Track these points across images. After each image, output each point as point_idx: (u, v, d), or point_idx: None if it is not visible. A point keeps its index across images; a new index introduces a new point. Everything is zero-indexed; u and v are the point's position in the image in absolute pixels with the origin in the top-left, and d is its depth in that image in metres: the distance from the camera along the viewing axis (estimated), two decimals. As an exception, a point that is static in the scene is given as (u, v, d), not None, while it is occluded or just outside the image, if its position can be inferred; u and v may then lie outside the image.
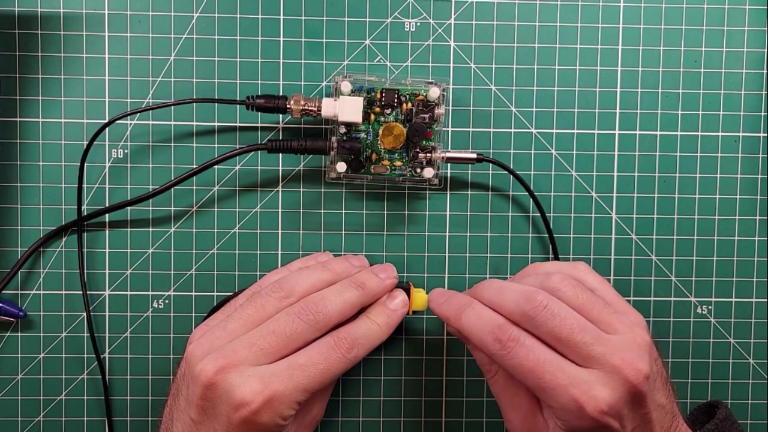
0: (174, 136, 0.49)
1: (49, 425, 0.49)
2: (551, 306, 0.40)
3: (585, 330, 0.39)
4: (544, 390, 0.39)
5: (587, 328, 0.40)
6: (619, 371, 0.39)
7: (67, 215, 0.49)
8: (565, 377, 0.39)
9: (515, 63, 0.49)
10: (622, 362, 0.39)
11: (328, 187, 0.49)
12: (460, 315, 0.42)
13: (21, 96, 0.48)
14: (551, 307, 0.40)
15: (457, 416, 0.50)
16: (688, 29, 0.49)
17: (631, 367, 0.39)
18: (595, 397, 0.38)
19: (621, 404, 0.39)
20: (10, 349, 0.49)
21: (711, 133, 0.50)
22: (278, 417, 0.40)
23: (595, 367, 0.39)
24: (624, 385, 0.39)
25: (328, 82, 0.49)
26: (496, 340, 0.40)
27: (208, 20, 0.48)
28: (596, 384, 0.39)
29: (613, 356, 0.39)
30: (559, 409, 0.39)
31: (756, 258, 0.50)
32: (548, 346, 0.40)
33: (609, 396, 0.38)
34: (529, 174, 0.49)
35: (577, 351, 0.39)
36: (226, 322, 0.42)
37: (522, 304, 0.40)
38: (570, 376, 0.39)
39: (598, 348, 0.39)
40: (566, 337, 0.39)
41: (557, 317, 0.39)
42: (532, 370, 0.39)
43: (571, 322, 0.40)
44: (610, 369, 0.39)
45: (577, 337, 0.39)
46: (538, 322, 0.40)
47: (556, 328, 0.39)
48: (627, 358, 0.39)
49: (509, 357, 0.40)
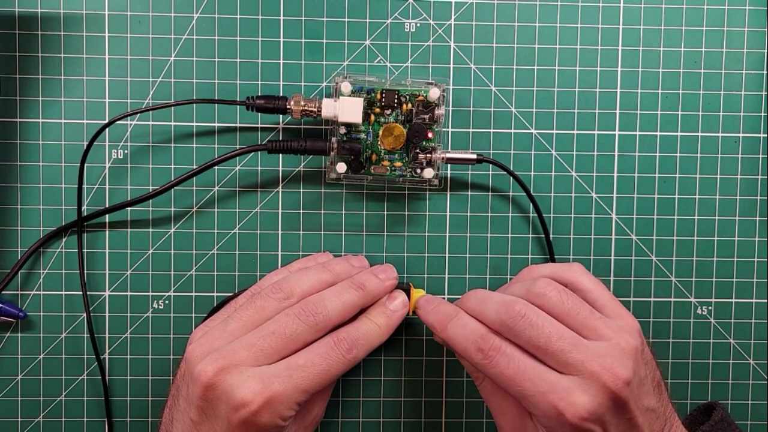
0: (174, 136, 0.49)
1: (49, 425, 0.49)
2: (529, 315, 0.40)
3: (563, 337, 0.40)
4: (525, 397, 0.40)
5: (565, 335, 0.40)
6: (597, 377, 0.39)
7: (67, 216, 0.49)
8: (544, 384, 0.39)
9: (515, 64, 0.49)
10: (601, 368, 0.39)
11: (328, 187, 0.49)
12: (446, 325, 0.43)
13: (21, 96, 0.48)
14: (529, 315, 0.40)
15: (456, 417, 0.50)
16: (688, 30, 0.49)
17: (609, 373, 0.39)
18: (574, 403, 0.38)
19: (602, 410, 0.39)
20: (10, 350, 0.49)
21: (711, 134, 0.50)
22: (278, 418, 0.40)
23: (574, 373, 0.39)
24: (603, 392, 0.39)
25: (328, 82, 0.49)
26: (479, 350, 0.41)
27: (208, 21, 0.48)
28: (575, 390, 0.39)
29: (592, 363, 0.39)
30: (540, 416, 0.40)
31: (756, 258, 0.50)
32: (529, 355, 0.40)
33: (588, 402, 0.39)
34: (529, 174, 0.49)
35: (556, 358, 0.40)
36: (226, 323, 0.42)
37: (501, 314, 0.41)
38: (549, 383, 0.39)
39: (576, 355, 0.39)
40: (544, 345, 0.40)
41: (535, 326, 0.40)
42: (512, 378, 0.40)
43: (549, 330, 0.40)
44: (589, 375, 0.39)
45: (554, 345, 0.40)
46: (517, 331, 0.40)
47: (534, 337, 0.40)
48: (606, 364, 0.39)
49: (491, 366, 0.40)
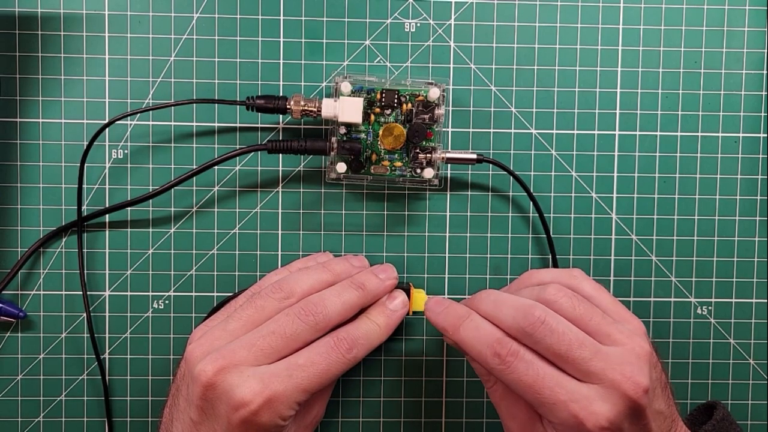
0: (174, 136, 0.49)
1: (49, 425, 0.49)
2: (549, 321, 0.39)
3: (583, 345, 0.39)
4: (543, 405, 0.39)
5: (585, 343, 0.39)
6: (618, 386, 0.38)
7: (67, 216, 0.49)
8: (564, 392, 0.39)
9: (515, 64, 0.49)
10: (622, 377, 0.38)
11: (328, 187, 0.49)
12: (458, 327, 0.42)
13: (21, 96, 0.48)
14: (549, 322, 0.39)
15: (456, 417, 0.50)
16: (688, 30, 0.49)
17: (630, 381, 0.38)
18: (595, 412, 0.38)
19: (621, 419, 0.38)
20: (10, 350, 0.49)
21: (711, 134, 0.50)
22: (278, 417, 0.40)
23: (595, 382, 0.39)
24: (624, 400, 0.38)
25: (328, 82, 0.49)
26: (495, 355, 0.40)
27: (208, 21, 0.48)
28: (596, 399, 0.38)
29: (613, 371, 0.39)
30: (559, 424, 0.39)
31: (756, 258, 0.50)
32: (547, 361, 0.40)
33: (609, 411, 0.38)
34: (529, 174, 0.49)
35: (576, 366, 0.39)
36: (226, 323, 0.42)
37: (519, 319, 0.40)
38: (569, 392, 0.39)
39: (597, 363, 0.39)
40: (565, 352, 0.39)
41: (555, 333, 0.39)
42: (531, 385, 0.39)
43: (570, 337, 0.39)
44: (610, 384, 0.38)
45: (575, 353, 0.39)
46: (537, 338, 0.39)
47: (555, 344, 0.39)
48: (626, 372, 0.39)
49: (508, 372, 0.39)
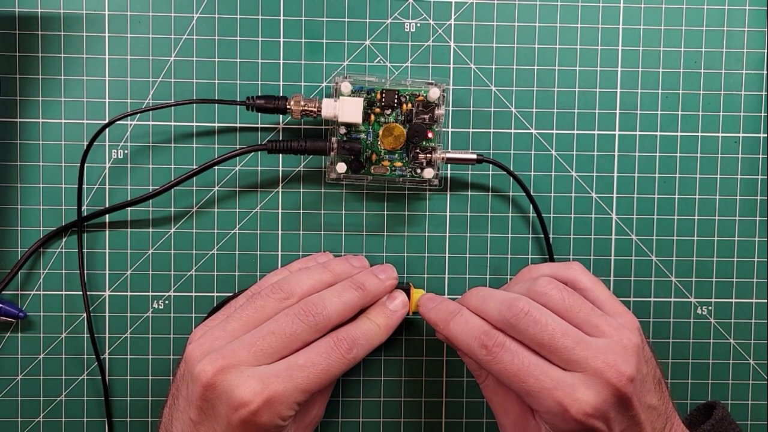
0: (174, 136, 0.49)
1: (49, 425, 0.49)
2: (532, 312, 0.40)
3: (566, 334, 0.40)
4: (529, 393, 0.40)
5: (569, 333, 0.40)
6: (601, 374, 0.39)
7: (67, 216, 0.49)
8: (548, 380, 0.39)
9: (515, 64, 0.49)
10: (605, 365, 0.39)
11: (328, 187, 0.49)
12: (448, 322, 0.43)
13: (21, 96, 0.48)
14: (532, 313, 0.40)
15: (457, 417, 0.50)
16: (688, 30, 0.49)
17: (613, 369, 0.39)
18: (579, 399, 0.39)
19: (606, 406, 0.39)
20: (10, 350, 0.49)
21: (711, 134, 0.50)
22: (278, 417, 0.40)
23: (578, 370, 0.39)
24: (607, 388, 0.39)
25: (328, 82, 0.49)
26: (482, 346, 0.41)
27: (208, 21, 0.48)
28: (579, 387, 0.39)
29: (596, 359, 0.39)
30: (544, 412, 0.40)
31: (756, 258, 0.50)
32: (533, 351, 0.40)
33: (593, 398, 0.39)
34: (529, 174, 0.49)
35: (560, 355, 0.40)
36: (226, 323, 0.42)
37: (504, 311, 0.41)
38: (554, 379, 0.39)
39: (580, 352, 0.39)
40: (548, 342, 0.40)
41: (538, 323, 0.40)
42: (516, 374, 0.40)
43: (552, 327, 0.40)
44: (593, 372, 0.39)
45: (558, 342, 0.40)
46: (521, 329, 0.40)
47: (538, 334, 0.40)
48: (610, 360, 0.39)
49: (495, 362, 0.40)
